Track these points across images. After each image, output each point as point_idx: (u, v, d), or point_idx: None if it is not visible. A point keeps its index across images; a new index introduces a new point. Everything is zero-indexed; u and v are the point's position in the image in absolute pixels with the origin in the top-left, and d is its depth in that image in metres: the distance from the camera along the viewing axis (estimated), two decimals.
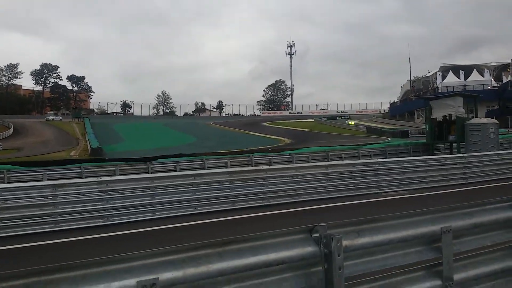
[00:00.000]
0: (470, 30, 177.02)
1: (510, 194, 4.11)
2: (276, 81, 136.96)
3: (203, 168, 17.46)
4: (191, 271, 2.44)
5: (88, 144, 47.58)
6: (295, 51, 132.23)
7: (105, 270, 2.23)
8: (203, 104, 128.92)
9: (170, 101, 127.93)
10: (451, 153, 22.56)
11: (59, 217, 9.46)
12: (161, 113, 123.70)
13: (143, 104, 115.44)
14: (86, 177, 14.85)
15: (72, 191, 9.75)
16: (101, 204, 9.91)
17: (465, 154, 17.13)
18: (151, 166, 17.25)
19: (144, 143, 49.16)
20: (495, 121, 22.68)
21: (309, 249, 2.74)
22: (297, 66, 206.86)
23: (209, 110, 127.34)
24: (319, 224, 2.77)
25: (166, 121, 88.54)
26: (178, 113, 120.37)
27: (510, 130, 41.08)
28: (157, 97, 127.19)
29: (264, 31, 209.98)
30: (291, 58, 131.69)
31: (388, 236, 2.99)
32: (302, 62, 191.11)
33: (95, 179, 10.37)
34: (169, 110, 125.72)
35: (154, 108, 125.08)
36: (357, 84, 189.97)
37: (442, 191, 13.68)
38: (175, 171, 16.72)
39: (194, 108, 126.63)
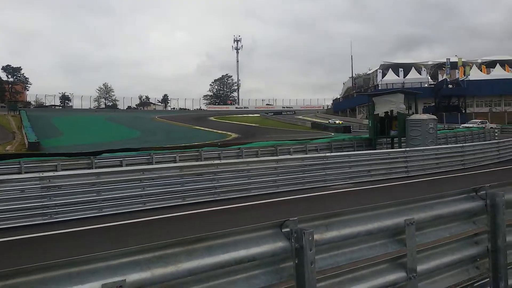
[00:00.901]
0: (411, 29, 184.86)
1: (452, 186, 4.27)
2: (222, 75, 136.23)
3: (151, 163, 17.02)
4: (159, 271, 2.31)
5: (25, 138, 45.07)
6: (242, 46, 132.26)
7: (68, 272, 2.05)
8: (147, 98, 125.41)
9: (112, 94, 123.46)
10: (392, 148, 23.42)
11: None
12: (103, 106, 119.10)
13: (84, 96, 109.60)
14: (26, 172, 14.02)
15: (13, 187, 9.16)
16: (44, 201, 9.41)
17: (407, 149, 17.82)
18: (96, 161, 16.58)
19: (85, 137, 47.13)
20: (434, 117, 23.80)
21: (279, 244, 2.68)
22: (245, 61, 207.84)
23: (154, 104, 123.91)
24: (289, 219, 2.72)
25: (107, 114, 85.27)
26: (120, 107, 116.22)
27: (445, 126, 43.32)
28: (98, 90, 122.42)
29: (212, 25, 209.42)
30: (237, 53, 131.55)
31: (355, 229, 3.00)
32: (249, 57, 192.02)
33: (36, 174, 9.80)
34: (111, 103, 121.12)
35: (95, 101, 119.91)
36: (303, 80, 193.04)
37: (386, 183, 14.17)
38: (121, 166, 16.18)
39: (138, 101, 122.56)
